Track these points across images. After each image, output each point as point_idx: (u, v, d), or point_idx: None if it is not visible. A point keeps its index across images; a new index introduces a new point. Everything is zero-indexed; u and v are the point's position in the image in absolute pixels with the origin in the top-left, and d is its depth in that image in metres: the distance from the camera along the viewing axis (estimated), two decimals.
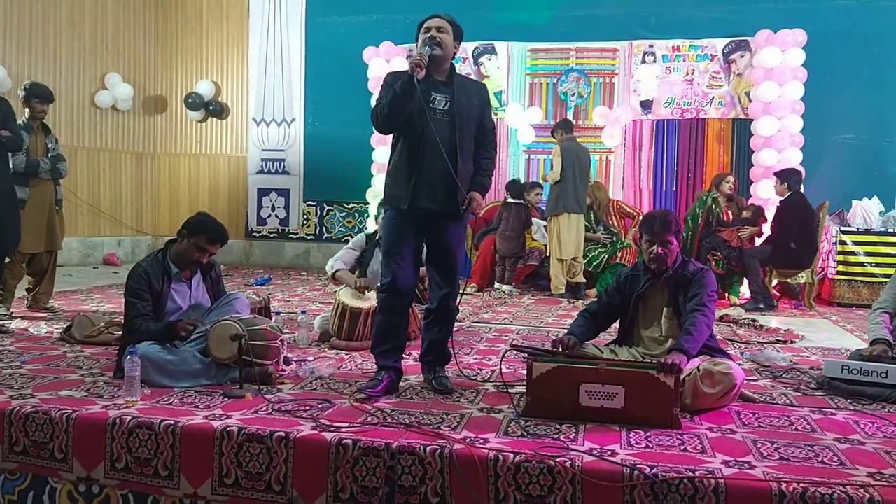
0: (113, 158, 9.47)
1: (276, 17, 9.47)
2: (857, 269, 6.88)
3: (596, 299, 3.67)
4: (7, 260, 5.05)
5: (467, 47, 8.42)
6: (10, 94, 6.91)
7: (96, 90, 9.15)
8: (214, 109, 9.63)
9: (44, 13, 8.43)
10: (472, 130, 3.33)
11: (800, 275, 6.58)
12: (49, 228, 5.37)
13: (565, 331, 3.45)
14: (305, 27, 9.37)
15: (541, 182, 7.94)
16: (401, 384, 3.39)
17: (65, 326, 4.51)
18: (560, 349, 3.25)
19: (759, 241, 6.88)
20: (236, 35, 9.65)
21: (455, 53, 3.38)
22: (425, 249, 3.45)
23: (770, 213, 6.94)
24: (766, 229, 7.00)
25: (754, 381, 3.69)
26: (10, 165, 4.91)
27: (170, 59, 9.90)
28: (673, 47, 8.00)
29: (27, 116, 5.32)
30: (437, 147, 3.17)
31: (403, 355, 3.46)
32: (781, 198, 6.63)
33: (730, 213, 6.98)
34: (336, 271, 4.95)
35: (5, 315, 5.06)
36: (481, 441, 2.59)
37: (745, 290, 6.78)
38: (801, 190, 6.75)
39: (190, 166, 9.93)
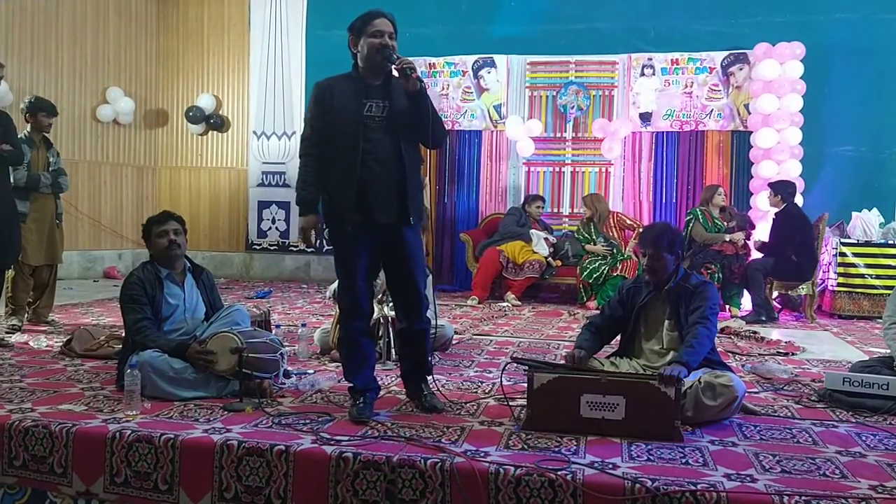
0: (114, 172, 9.49)
1: (277, 31, 9.51)
2: (858, 281, 6.87)
3: (599, 312, 3.67)
4: (13, 274, 5.10)
5: (467, 60, 8.47)
6: (12, 108, 6.92)
7: (98, 104, 9.18)
8: (215, 123, 9.66)
9: (45, 27, 8.46)
10: (416, 132, 3.15)
11: (801, 286, 6.58)
12: (50, 242, 5.38)
13: (573, 345, 3.44)
14: (306, 41, 9.40)
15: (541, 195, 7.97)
16: (400, 398, 3.38)
17: (65, 340, 4.51)
18: (571, 364, 3.24)
19: (753, 250, 6.89)
20: (237, 49, 9.69)
21: None
22: (384, 272, 3.32)
23: (766, 224, 6.96)
24: (756, 236, 7.04)
25: (756, 393, 3.68)
26: (11, 180, 4.94)
27: (171, 73, 9.93)
28: (672, 60, 8.03)
29: (29, 130, 5.33)
30: (380, 158, 3.06)
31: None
32: (776, 209, 6.66)
33: (725, 223, 7.00)
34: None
35: (18, 326, 5.11)
36: (482, 454, 2.58)
37: (745, 301, 6.78)
38: (796, 201, 6.77)
39: (191, 179, 9.94)
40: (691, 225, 6.95)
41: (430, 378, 3.38)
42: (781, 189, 6.64)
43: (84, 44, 8.98)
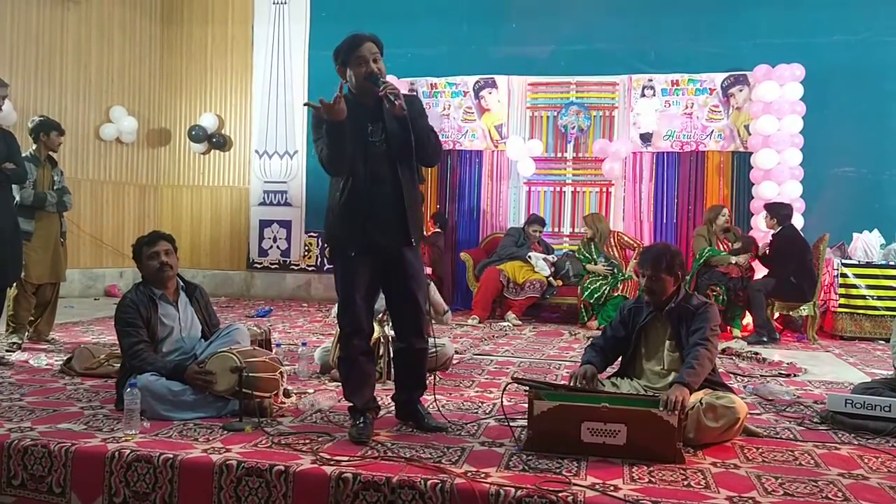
0: (116, 190, 9.52)
1: (280, 51, 9.58)
2: (860, 302, 6.86)
3: (601, 333, 3.66)
4: (15, 292, 5.10)
5: (468, 81, 8.53)
6: (16, 127, 6.96)
7: (101, 122, 9.23)
8: (217, 142, 9.71)
9: (50, 46, 8.53)
10: (410, 154, 3.13)
11: (802, 307, 6.57)
12: (54, 260, 5.39)
13: (580, 363, 3.42)
14: (308, 60, 9.48)
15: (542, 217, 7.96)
16: None
17: (65, 358, 4.50)
18: (578, 381, 3.23)
19: (758, 273, 6.88)
20: (240, 68, 9.76)
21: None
22: (384, 292, 3.30)
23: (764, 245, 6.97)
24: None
25: (758, 415, 3.67)
26: (18, 199, 4.97)
27: (174, 93, 10.00)
28: (672, 81, 8.08)
29: (34, 149, 5.37)
30: (379, 179, 3.08)
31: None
32: (773, 232, 6.66)
33: (730, 245, 6.99)
34: None
35: (18, 344, 5.10)
36: (482, 475, 2.57)
37: (747, 321, 6.76)
38: (794, 223, 6.77)
39: (192, 198, 9.97)
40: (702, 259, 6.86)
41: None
42: (777, 211, 6.65)
43: (88, 63, 9.04)
